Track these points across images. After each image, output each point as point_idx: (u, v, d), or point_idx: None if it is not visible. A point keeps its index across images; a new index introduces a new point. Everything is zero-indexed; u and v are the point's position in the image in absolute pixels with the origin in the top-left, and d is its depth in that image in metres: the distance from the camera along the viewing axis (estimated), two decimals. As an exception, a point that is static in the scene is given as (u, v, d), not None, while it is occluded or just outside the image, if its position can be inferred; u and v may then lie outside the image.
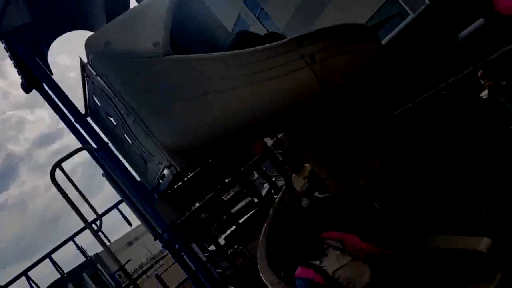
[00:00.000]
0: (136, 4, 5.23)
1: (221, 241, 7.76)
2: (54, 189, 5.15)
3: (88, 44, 3.67)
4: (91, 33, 3.99)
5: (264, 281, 4.32)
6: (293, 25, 13.33)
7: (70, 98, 4.86)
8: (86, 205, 5.58)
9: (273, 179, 8.19)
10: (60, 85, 4.77)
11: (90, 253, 23.37)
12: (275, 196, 5.48)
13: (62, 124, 5.68)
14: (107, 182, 5.83)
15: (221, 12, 3.74)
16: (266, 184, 7.69)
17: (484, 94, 6.52)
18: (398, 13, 10.58)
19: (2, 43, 4.43)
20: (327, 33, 2.89)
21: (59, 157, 5.12)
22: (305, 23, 12.80)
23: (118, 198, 7.62)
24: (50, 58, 5.55)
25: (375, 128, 4.38)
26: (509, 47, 8.12)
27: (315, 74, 2.80)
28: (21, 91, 5.79)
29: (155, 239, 6.03)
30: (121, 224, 6.77)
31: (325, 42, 2.81)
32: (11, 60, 4.84)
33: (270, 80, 2.76)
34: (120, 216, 8.59)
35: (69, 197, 5.30)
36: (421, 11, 9.99)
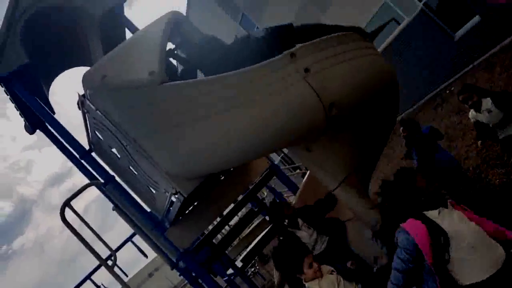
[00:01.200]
0: (130, 35, 5.27)
1: (238, 263, 7.66)
2: (69, 228, 5.10)
3: (85, 80, 3.67)
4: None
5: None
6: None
7: (78, 134, 4.85)
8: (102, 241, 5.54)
9: (284, 195, 8.11)
10: (68, 122, 4.76)
11: (114, 288, 23.10)
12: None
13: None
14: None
15: (216, 34, 3.73)
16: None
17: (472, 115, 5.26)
18: (392, 19, 10.61)
19: (2, 86, 4.44)
20: (321, 43, 2.85)
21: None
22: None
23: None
24: (56, 97, 5.55)
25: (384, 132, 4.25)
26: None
27: (311, 87, 2.75)
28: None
29: (172, 269, 5.95)
30: (140, 257, 6.70)
31: (318, 52, 2.78)
32: (12, 102, 4.86)
33: (268, 97, 2.71)
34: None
35: (81, 236, 5.23)
36: (416, 14, 10.01)
